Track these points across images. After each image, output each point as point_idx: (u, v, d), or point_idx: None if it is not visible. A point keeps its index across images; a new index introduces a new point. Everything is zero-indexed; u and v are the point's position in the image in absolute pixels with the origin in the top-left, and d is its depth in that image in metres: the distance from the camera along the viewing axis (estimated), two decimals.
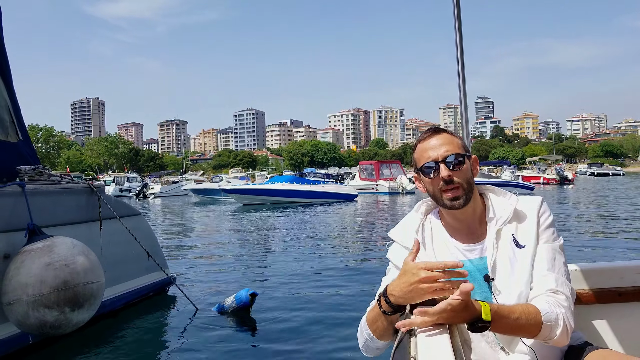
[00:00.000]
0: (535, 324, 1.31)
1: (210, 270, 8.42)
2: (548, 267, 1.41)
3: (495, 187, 1.58)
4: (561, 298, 1.38)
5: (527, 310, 1.32)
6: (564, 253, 1.48)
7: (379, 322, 1.40)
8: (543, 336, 1.33)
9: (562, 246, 1.47)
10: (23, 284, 3.64)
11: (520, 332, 1.32)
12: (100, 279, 4.02)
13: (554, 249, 1.45)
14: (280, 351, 4.35)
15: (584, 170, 77.68)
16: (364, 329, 1.46)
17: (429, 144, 1.50)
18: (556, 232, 1.48)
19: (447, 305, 1.18)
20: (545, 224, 1.47)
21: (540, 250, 1.44)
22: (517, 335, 1.36)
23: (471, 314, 1.22)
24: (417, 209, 1.62)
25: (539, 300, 1.37)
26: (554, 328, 1.33)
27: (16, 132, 5.12)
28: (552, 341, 1.34)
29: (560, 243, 1.47)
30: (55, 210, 4.73)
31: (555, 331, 1.33)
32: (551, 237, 1.46)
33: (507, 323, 1.28)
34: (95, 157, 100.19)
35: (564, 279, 1.42)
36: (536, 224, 1.46)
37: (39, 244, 3.85)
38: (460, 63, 2.33)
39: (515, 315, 1.29)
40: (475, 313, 1.23)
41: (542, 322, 1.31)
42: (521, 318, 1.30)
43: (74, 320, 3.82)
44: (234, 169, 69.56)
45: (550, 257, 1.43)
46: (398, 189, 33.68)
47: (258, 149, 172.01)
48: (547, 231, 1.46)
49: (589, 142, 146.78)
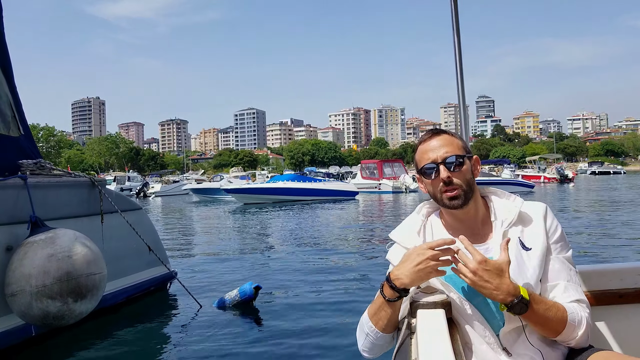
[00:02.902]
0: (562, 320, 1.34)
1: (211, 266, 8.45)
2: (567, 279, 1.45)
3: (498, 190, 1.60)
4: (583, 306, 1.42)
5: (555, 304, 1.36)
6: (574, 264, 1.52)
7: (382, 312, 1.41)
8: (566, 335, 1.36)
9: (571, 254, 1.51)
10: (26, 275, 3.67)
11: (548, 324, 1.34)
12: (102, 270, 4.05)
13: (569, 260, 1.49)
14: (282, 346, 4.36)
15: (584, 169, 77.51)
16: (365, 324, 1.46)
17: (429, 145, 1.51)
18: (565, 240, 1.51)
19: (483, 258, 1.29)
20: (556, 234, 1.49)
21: (555, 262, 1.46)
22: (544, 328, 1.37)
23: (509, 289, 1.27)
24: (419, 211, 1.63)
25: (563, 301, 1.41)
26: (576, 328, 1.36)
27: (17, 127, 5.16)
28: (574, 341, 1.38)
29: (571, 251, 1.51)
30: (57, 203, 4.76)
31: (577, 332, 1.36)
32: (564, 248, 1.49)
33: (540, 310, 1.31)
34: (96, 156, 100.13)
35: (580, 289, 1.46)
36: (543, 229, 1.47)
37: (41, 236, 3.88)
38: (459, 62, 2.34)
39: (547, 305, 1.33)
40: (516, 289, 1.28)
41: (567, 320, 1.35)
42: (551, 310, 1.33)
43: (77, 311, 3.85)
44: (235, 169, 69.28)
45: (567, 268, 1.47)
46: (401, 188, 33.70)
47: (259, 149, 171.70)
48: (560, 241, 1.49)
49: (589, 141, 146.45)
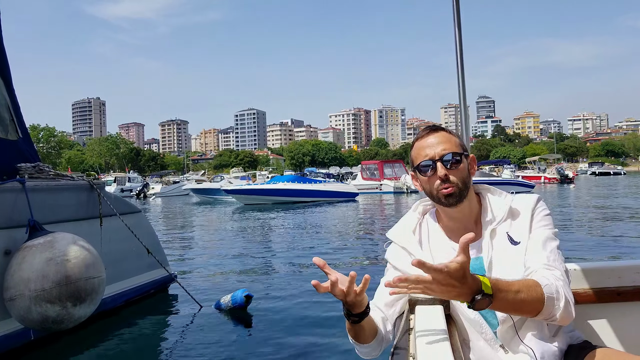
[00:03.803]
0: (538, 297, 1.25)
1: (211, 268, 8.44)
2: (540, 248, 1.39)
3: (492, 187, 1.57)
4: (557, 273, 1.34)
5: (526, 283, 1.27)
6: (558, 240, 1.44)
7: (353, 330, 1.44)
8: (547, 312, 1.28)
9: (556, 233, 1.45)
10: (25, 279, 3.67)
11: (524, 308, 1.25)
12: (101, 273, 4.04)
13: (546, 234, 1.43)
14: (280, 351, 4.35)
15: (584, 169, 77.53)
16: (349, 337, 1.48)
17: (427, 142, 1.49)
18: (551, 223, 1.46)
19: (443, 267, 1.12)
20: (539, 215, 1.46)
21: (532, 235, 1.43)
22: (520, 313, 1.30)
23: (470, 287, 1.16)
24: (415, 209, 1.62)
25: (534, 275, 1.33)
26: (556, 301, 1.28)
27: (16, 130, 5.15)
28: (558, 319, 1.29)
29: (554, 230, 1.45)
30: (56, 207, 4.75)
31: (559, 304, 1.28)
32: (545, 224, 1.45)
33: (508, 297, 1.21)
34: (96, 157, 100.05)
35: (556, 257, 1.39)
36: (529, 219, 1.45)
37: (40, 240, 3.88)
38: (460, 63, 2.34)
39: (515, 287, 1.23)
40: (476, 285, 1.17)
41: (544, 294, 1.26)
42: (522, 291, 1.23)
43: (76, 315, 3.84)
44: (235, 169, 69.30)
45: (542, 239, 1.41)
46: (402, 188, 33.71)
47: (259, 149, 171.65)
48: (541, 221, 1.45)
49: (590, 141, 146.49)
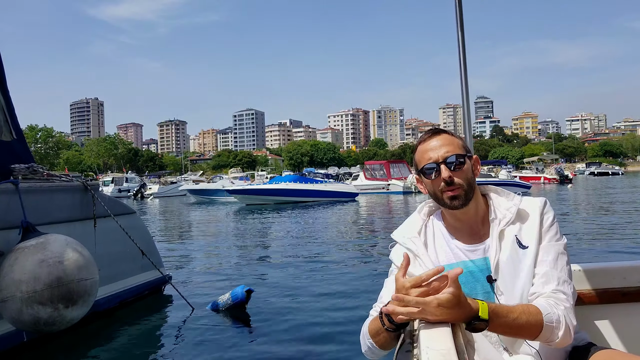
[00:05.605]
0: (536, 324, 1.29)
1: (207, 269, 8.44)
2: (550, 266, 1.40)
3: (499, 188, 1.57)
4: (562, 297, 1.36)
5: (527, 310, 1.30)
6: (567, 252, 1.46)
7: (381, 336, 1.38)
8: (544, 337, 1.31)
9: (565, 246, 1.46)
10: (17, 280, 3.65)
11: (521, 332, 1.30)
12: (94, 275, 4.03)
13: (557, 249, 1.44)
14: (277, 350, 4.34)
15: (582, 169, 77.61)
16: (366, 338, 1.43)
17: (430, 145, 1.49)
18: (559, 232, 1.47)
19: (433, 299, 1.16)
20: (547, 223, 1.46)
21: (542, 250, 1.43)
22: (518, 336, 1.34)
23: (467, 312, 1.20)
24: (420, 210, 1.62)
25: (539, 300, 1.36)
26: (555, 329, 1.31)
27: (10, 131, 5.15)
28: (554, 343, 1.33)
29: (564, 242, 1.46)
30: (49, 208, 4.74)
31: (557, 333, 1.31)
32: (554, 236, 1.45)
33: (505, 322, 1.26)
34: (94, 157, 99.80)
35: (565, 278, 1.40)
36: (538, 224, 1.45)
37: (32, 242, 3.86)
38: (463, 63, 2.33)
39: (515, 314, 1.27)
40: (472, 311, 1.21)
41: (543, 322, 1.29)
42: (520, 318, 1.27)
43: (68, 317, 3.83)
44: (234, 169, 69.14)
45: (553, 256, 1.42)
46: (411, 188, 33.65)
47: (257, 149, 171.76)
48: (550, 230, 1.45)
49: (588, 141, 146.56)
